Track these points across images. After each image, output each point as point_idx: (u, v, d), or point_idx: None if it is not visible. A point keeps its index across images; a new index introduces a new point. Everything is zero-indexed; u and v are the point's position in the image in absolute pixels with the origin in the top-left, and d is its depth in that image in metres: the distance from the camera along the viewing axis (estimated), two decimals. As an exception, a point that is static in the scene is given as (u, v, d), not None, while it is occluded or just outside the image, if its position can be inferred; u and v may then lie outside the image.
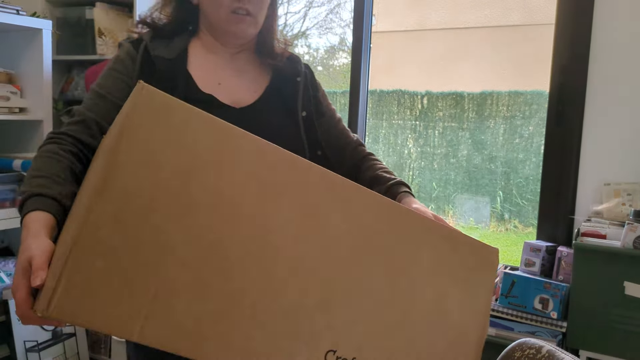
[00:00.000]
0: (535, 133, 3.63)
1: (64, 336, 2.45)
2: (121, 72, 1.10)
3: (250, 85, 1.19)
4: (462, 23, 4.23)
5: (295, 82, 1.21)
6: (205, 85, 1.13)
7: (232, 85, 1.17)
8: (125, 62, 1.11)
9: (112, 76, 1.10)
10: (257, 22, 1.14)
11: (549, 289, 1.86)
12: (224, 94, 1.14)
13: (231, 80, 1.18)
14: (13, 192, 2.31)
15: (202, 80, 1.14)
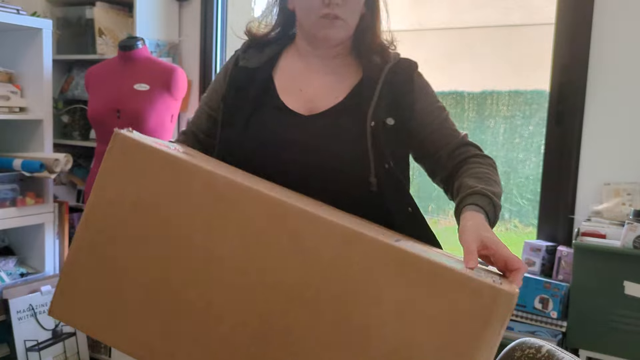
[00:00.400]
0: (536, 133, 3.63)
1: (64, 335, 2.45)
2: (216, 85, 1.24)
3: (334, 90, 1.15)
4: (462, 23, 4.22)
5: (374, 87, 1.13)
6: (285, 91, 1.15)
7: (314, 91, 1.15)
8: (220, 75, 1.23)
9: (211, 88, 1.25)
10: (347, 25, 1.12)
11: (549, 288, 1.86)
12: (301, 100, 1.14)
13: (314, 85, 1.16)
14: (13, 192, 2.31)
15: (284, 86, 1.16)
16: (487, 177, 1.06)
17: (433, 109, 1.16)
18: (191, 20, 2.87)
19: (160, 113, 2.40)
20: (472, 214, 0.93)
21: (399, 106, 1.13)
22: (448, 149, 1.14)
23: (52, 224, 2.48)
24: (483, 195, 0.98)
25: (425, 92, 1.17)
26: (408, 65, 1.18)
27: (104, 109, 2.40)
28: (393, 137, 1.12)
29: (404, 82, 1.15)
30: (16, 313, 2.27)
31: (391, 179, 1.11)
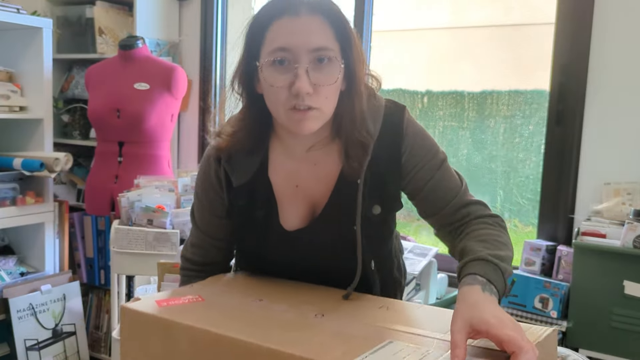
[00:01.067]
0: (536, 132, 3.62)
1: (64, 335, 2.45)
2: (213, 198, 1.16)
3: (324, 181, 1.09)
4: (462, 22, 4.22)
5: (355, 184, 1.04)
6: (283, 191, 1.11)
7: (307, 185, 1.10)
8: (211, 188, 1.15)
9: (209, 200, 1.16)
10: (323, 114, 0.99)
11: (549, 288, 1.86)
12: (299, 201, 1.10)
13: (308, 179, 1.10)
14: (13, 191, 2.31)
15: (281, 187, 1.11)
16: (494, 240, 0.98)
17: (425, 171, 1.07)
18: (191, 19, 2.87)
19: (160, 112, 2.40)
20: (466, 291, 0.85)
21: (385, 194, 1.07)
22: (449, 210, 1.07)
23: (52, 223, 2.48)
24: (487, 262, 0.90)
25: (414, 153, 1.06)
26: (393, 132, 1.06)
27: (104, 108, 2.40)
28: (383, 224, 1.11)
29: (388, 168, 1.06)
30: (16, 312, 2.27)
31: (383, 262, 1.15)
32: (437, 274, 2.26)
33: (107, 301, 2.71)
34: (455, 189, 1.08)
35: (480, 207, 1.07)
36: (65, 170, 2.49)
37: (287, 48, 0.96)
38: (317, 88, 0.96)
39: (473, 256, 0.92)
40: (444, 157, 1.10)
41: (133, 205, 2.15)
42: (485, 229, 1.01)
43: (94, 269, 2.76)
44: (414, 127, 1.08)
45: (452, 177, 1.09)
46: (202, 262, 1.23)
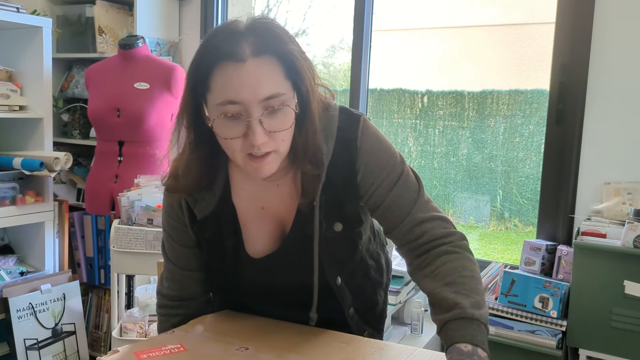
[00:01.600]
0: (536, 132, 3.62)
1: (64, 334, 2.45)
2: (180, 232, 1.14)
3: (289, 200, 1.08)
4: (462, 22, 4.22)
5: (312, 207, 1.04)
6: (247, 215, 1.09)
7: (274, 206, 1.09)
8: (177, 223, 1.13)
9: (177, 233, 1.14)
10: (280, 154, 0.97)
11: (549, 287, 1.86)
12: (266, 224, 1.09)
13: (273, 200, 1.09)
14: (13, 190, 2.31)
15: (246, 210, 1.09)
16: (462, 278, 0.95)
17: (382, 189, 1.05)
18: (191, 19, 2.87)
19: (160, 112, 2.40)
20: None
21: (344, 211, 1.06)
22: (404, 228, 1.04)
23: (51, 222, 2.48)
24: (468, 321, 0.88)
25: (370, 170, 1.04)
26: (347, 150, 1.04)
27: (104, 107, 2.40)
28: (347, 240, 1.09)
29: (345, 187, 1.04)
30: (16, 312, 2.27)
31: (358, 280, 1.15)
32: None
33: (107, 301, 2.71)
34: (409, 205, 1.04)
35: (437, 223, 1.04)
36: (65, 170, 2.49)
37: (237, 101, 0.91)
38: (272, 135, 0.93)
39: (452, 314, 0.89)
40: (401, 169, 1.06)
41: (133, 205, 2.15)
42: (447, 263, 0.97)
43: (94, 268, 2.76)
44: (368, 141, 1.05)
45: (408, 192, 1.05)
46: (179, 296, 1.19)
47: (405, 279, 2.10)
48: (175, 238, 1.14)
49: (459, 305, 0.90)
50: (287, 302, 1.12)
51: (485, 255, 4.04)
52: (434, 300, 0.95)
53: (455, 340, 0.87)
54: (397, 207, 1.04)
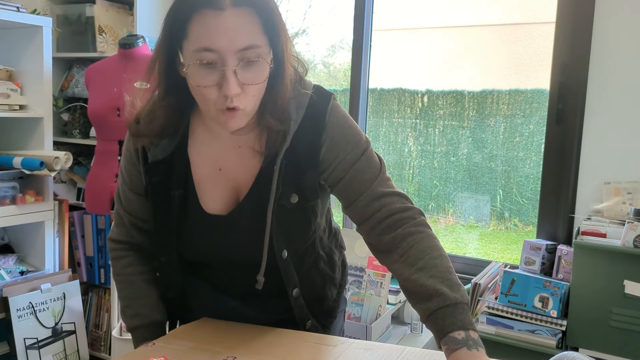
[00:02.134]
0: (536, 131, 3.62)
1: (64, 334, 2.45)
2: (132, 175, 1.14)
3: (249, 166, 1.07)
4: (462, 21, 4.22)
5: (272, 170, 1.03)
6: (204, 173, 1.08)
7: (232, 168, 1.08)
8: (130, 166, 1.14)
9: (129, 176, 1.15)
10: (248, 112, 0.98)
11: (549, 287, 1.86)
12: (221, 185, 1.08)
13: (231, 161, 1.08)
14: (13, 189, 2.31)
15: (202, 168, 1.08)
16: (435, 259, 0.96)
17: (344, 164, 1.05)
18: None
19: (160, 111, 2.40)
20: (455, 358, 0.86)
21: (303, 182, 1.05)
22: (363, 201, 1.05)
23: (52, 222, 2.48)
24: (454, 306, 0.90)
25: (335, 144, 1.05)
26: (315, 122, 1.04)
27: (104, 107, 2.40)
28: (302, 213, 1.07)
29: (307, 156, 1.04)
30: (16, 311, 2.27)
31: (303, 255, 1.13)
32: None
33: (107, 300, 2.71)
34: (370, 180, 1.05)
35: (395, 198, 1.05)
36: (65, 169, 2.49)
37: (213, 49, 0.91)
38: (245, 87, 0.94)
39: (436, 302, 0.90)
40: (365, 146, 1.07)
41: (133, 204, 2.15)
42: (414, 246, 0.98)
43: (94, 267, 2.76)
44: (336, 117, 1.06)
45: (370, 168, 1.06)
46: (125, 241, 1.20)
47: (405, 278, 2.10)
48: (129, 182, 1.15)
49: (439, 291, 0.90)
50: (234, 265, 1.11)
51: (485, 254, 4.04)
52: (411, 287, 0.95)
53: (447, 330, 0.88)
54: (358, 182, 1.05)
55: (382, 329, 2.01)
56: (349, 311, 2.07)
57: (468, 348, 0.85)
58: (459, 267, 2.37)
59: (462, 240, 4.23)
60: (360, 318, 2.05)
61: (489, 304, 1.93)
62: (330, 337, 1.04)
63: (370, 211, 1.04)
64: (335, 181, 1.07)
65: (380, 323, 1.99)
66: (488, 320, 1.92)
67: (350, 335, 1.90)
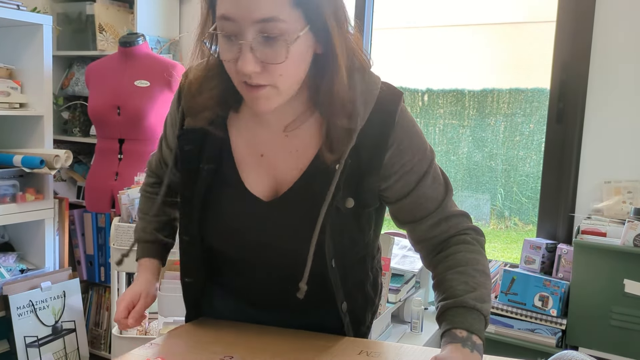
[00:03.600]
0: (536, 130, 3.62)
1: (64, 332, 2.45)
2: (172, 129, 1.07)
3: (296, 157, 0.96)
4: (462, 20, 4.22)
5: (331, 169, 0.91)
6: (244, 158, 0.98)
7: (275, 157, 0.97)
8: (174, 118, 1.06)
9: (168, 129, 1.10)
10: (279, 91, 0.87)
11: (548, 286, 1.86)
12: (263, 172, 0.97)
13: (275, 149, 0.97)
14: (13, 188, 2.31)
15: (243, 152, 0.98)
16: (473, 270, 0.92)
17: (411, 175, 0.96)
18: (192, 16, 2.86)
19: (160, 109, 2.40)
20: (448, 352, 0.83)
21: (362, 187, 0.95)
22: (430, 221, 0.98)
23: (52, 220, 2.48)
24: (468, 310, 0.87)
25: (402, 149, 0.95)
26: (384, 121, 0.93)
27: (105, 105, 2.40)
28: (355, 220, 0.97)
29: (371, 159, 0.94)
30: (16, 309, 2.27)
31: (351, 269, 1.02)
32: (437, 272, 2.25)
33: (107, 298, 2.72)
34: (438, 198, 0.98)
35: (462, 219, 0.99)
36: (65, 167, 2.49)
37: (231, 18, 0.82)
38: (266, 66, 0.83)
39: (453, 301, 0.88)
40: (432, 157, 0.99)
41: (133, 202, 2.15)
42: (463, 252, 0.95)
43: (94, 266, 2.76)
44: (406, 120, 0.96)
45: (437, 184, 0.98)
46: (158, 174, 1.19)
47: (405, 277, 2.10)
48: (168, 136, 1.09)
49: (463, 295, 0.88)
50: (266, 266, 1.01)
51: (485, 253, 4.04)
52: (441, 285, 0.93)
53: (451, 326, 0.86)
54: (426, 199, 0.97)
55: (382, 327, 2.01)
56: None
57: (463, 345, 0.84)
58: (459, 266, 2.37)
59: (462, 239, 4.22)
60: (360, 317, 2.05)
61: (488, 302, 1.93)
62: (328, 336, 1.03)
63: (437, 231, 0.98)
64: (399, 194, 0.97)
65: (380, 321, 1.99)
66: (490, 317, 1.92)
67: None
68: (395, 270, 2.05)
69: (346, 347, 0.98)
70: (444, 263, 0.95)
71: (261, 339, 1.01)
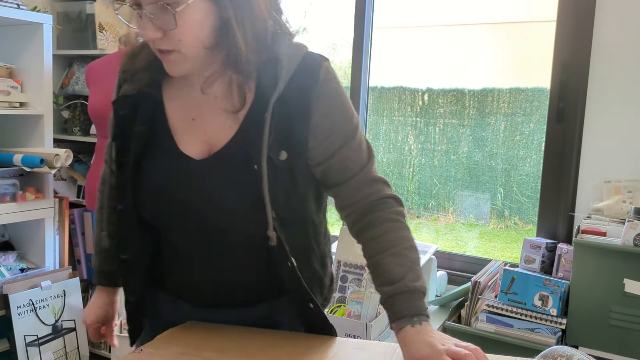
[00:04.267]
0: (536, 130, 3.62)
1: (64, 331, 2.45)
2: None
3: (227, 118, 0.98)
4: (463, 19, 4.22)
5: (262, 120, 0.94)
6: (177, 122, 1.02)
7: (207, 120, 1.00)
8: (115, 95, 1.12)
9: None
10: (185, 55, 0.93)
11: (548, 285, 1.86)
12: (194, 134, 1.00)
13: (206, 112, 1.01)
14: (13, 187, 2.31)
15: (176, 115, 1.03)
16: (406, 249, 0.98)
17: (337, 135, 0.99)
18: (192, 15, 2.86)
19: (160, 109, 2.40)
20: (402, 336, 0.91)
21: (292, 137, 0.97)
22: (354, 184, 1.02)
23: (52, 219, 2.48)
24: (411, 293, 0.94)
25: (328, 103, 0.98)
26: (307, 78, 0.97)
27: (104, 104, 2.39)
28: (289, 174, 0.98)
29: (298, 108, 0.96)
30: (16, 308, 2.27)
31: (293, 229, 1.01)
32: (436, 271, 2.26)
33: (107, 297, 2.71)
34: (362, 162, 1.02)
35: (383, 186, 1.03)
36: (66, 167, 2.49)
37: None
38: (166, 32, 0.90)
39: (394, 287, 0.94)
40: (357, 123, 1.03)
41: (133, 202, 2.15)
42: (391, 232, 0.99)
43: (94, 265, 2.76)
44: (332, 80, 1.00)
45: (361, 149, 1.02)
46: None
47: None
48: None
49: (403, 279, 0.94)
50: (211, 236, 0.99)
51: (485, 253, 4.04)
52: (378, 269, 0.98)
53: (402, 314, 0.92)
54: (351, 162, 1.01)
55: (382, 327, 2.01)
56: (348, 309, 2.07)
57: (412, 325, 0.91)
58: (459, 265, 2.37)
59: (462, 238, 4.23)
60: (360, 316, 2.05)
61: (488, 302, 1.93)
62: (324, 337, 1.03)
63: (360, 195, 1.02)
64: (325, 154, 1.00)
65: (380, 321, 1.99)
66: (488, 319, 1.92)
67: (350, 333, 1.90)
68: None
69: (341, 347, 0.98)
70: (376, 244, 0.99)
71: (254, 343, 0.99)
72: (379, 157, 4.32)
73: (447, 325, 1.99)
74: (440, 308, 2.17)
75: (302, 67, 0.97)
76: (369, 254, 1.01)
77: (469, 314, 1.99)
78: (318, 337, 1.02)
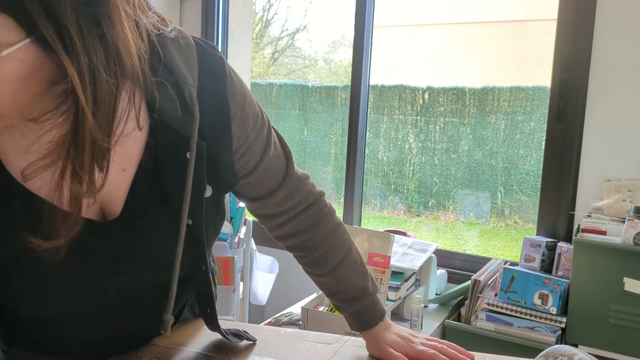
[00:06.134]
0: (537, 129, 3.63)
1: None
2: None
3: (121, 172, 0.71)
4: (463, 18, 4.22)
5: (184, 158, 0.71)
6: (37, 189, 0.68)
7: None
8: None
9: None
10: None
11: (548, 284, 1.87)
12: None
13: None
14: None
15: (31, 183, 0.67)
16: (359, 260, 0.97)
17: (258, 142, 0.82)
18: (192, 16, 2.86)
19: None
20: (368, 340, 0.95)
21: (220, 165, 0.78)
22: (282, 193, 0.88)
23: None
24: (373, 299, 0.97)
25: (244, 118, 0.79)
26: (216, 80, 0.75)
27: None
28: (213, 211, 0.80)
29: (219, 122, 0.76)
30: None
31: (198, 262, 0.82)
32: (436, 270, 2.26)
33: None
34: (284, 165, 0.88)
35: (309, 186, 0.92)
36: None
37: None
38: None
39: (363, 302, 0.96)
40: (268, 121, 0.85)
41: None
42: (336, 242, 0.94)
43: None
44: (237, 79, 0.79)
45: (279, 151, 0.87)
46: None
47: (405, 274, 2.11)
48: None
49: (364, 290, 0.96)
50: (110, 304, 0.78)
51: (485, 251, 4.05)
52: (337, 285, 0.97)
53: (371, 324, 0.95)
54: (274, 169, 0.86)
55: (382, 325, 2.02)
56: (349, 308, 2.07)
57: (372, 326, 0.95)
58: (459, 264, 2.38)
59: (462, 237, 4.23)
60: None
61: (488, 300, 1.93)
62: (326, 335, 1.02)
63: (290, 204, 0.90)
64: (246, 169, 0.83)
65: (380, 319, 2.00)
66: (488, 317, 1.92)
67: (350, 332, 1.90)
68: (395, 268, 2.06)
69: (343, 345, 0.98)
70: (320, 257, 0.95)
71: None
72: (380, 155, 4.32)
73: (446, 324, 2.00)
74: (440, 306, 2.18)
75: (205, 72, 0.74)
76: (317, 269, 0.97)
77: (468, 313, 2.00)
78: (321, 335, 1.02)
